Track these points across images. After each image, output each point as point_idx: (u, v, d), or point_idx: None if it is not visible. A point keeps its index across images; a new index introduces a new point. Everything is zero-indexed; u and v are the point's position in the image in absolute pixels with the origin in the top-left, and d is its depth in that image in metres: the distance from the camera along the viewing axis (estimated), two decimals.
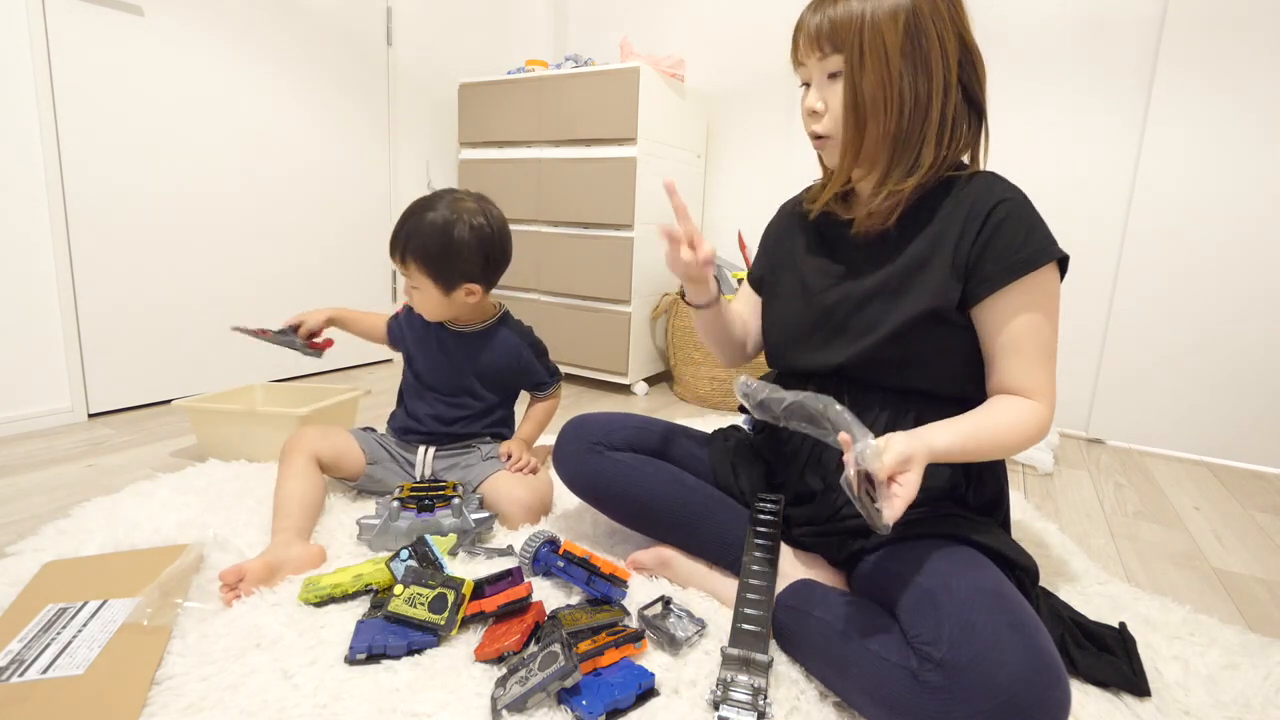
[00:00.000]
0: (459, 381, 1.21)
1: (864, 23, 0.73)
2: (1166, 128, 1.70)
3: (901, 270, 0.80)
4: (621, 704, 0.67)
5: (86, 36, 1.54)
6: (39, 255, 1.51)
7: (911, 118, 0.76)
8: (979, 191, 0.78)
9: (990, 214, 0.75)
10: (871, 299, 0.82)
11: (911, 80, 0.75)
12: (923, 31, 0.74)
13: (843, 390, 0.85)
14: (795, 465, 0.89)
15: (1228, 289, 1.68)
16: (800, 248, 0.93)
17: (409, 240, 1.10)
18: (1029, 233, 0.75)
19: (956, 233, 0.77)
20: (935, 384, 0.81)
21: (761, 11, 2.24)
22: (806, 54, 0.79)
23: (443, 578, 0.82)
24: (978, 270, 0.76)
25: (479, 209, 1.13)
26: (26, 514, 1.11)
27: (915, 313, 0.77)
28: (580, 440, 0.99)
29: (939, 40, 0.74)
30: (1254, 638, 0.88)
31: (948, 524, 0.77)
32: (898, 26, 0.73)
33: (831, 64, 0.77)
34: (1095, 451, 1.79)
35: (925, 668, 0.58)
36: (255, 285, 1.96)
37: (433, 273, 1.11)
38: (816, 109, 0.80)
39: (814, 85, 0.81)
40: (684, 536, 0.93)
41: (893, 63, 0.74)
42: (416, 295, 1.15)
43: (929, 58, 0.74)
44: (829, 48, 0.76)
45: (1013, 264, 0.74)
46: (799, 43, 0.80)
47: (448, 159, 2.53)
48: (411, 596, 0.79)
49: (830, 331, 0.85)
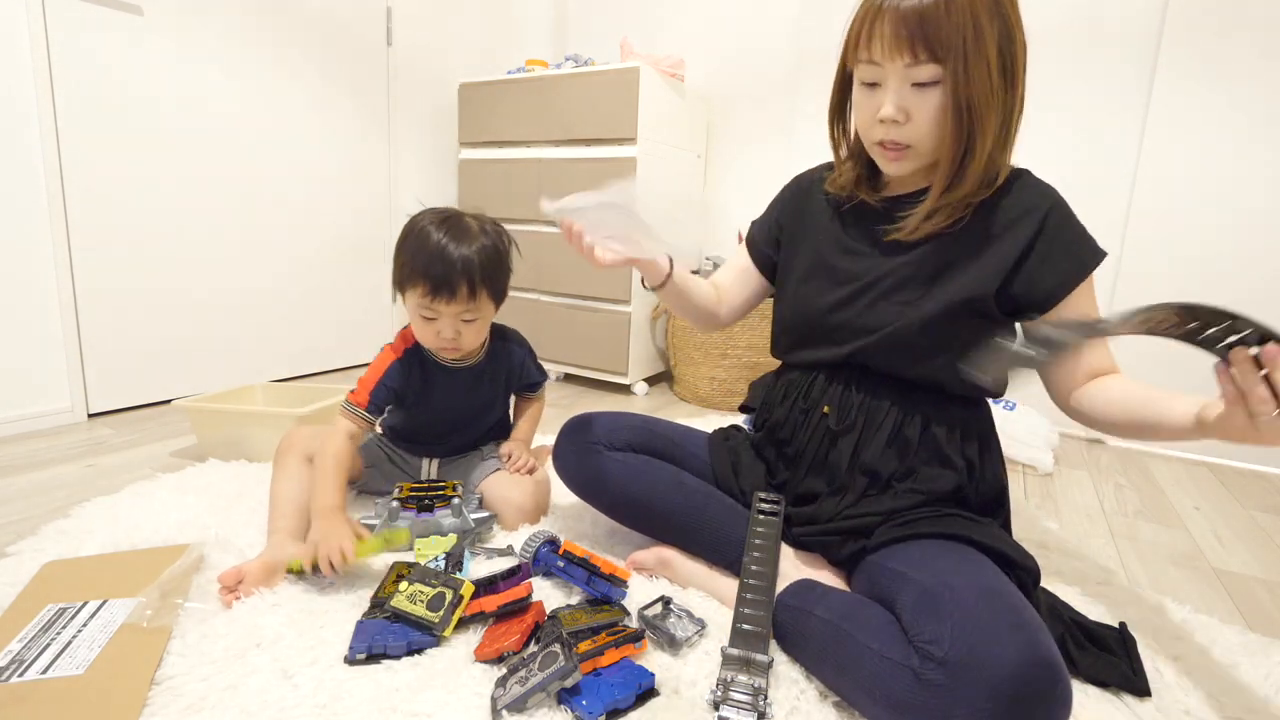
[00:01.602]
0: (467, 409, 1.17)
1: (968, 24, 0.67)
2: (1167, 128, 1.70)
3: (944, 259, 0.79)
4: (621, 704, 0.67)
5: (86, 36, 1.54)
6: (39, 255, 1.51)
7: (1004, 129, 0.73)
8: (1027, 194, 0.78)
9: (1047, 216, 0.77)
10: (906, 284, 0.81)
11: (1005, 92, 0.71)
12: (1011, 38, 0.70)
13: (853, 379, 0.84)
14: (798, 467, 0.89)
15: (1228, 289, 1.68)
16: (824, 226, 0.90)
17: (475, 272, 0.99)
18: (1083, 233, 0.78)
19: (1009, 229, 0.77)
20: (950, 379, 0.80)
21: (761, 12, 2.24)
22: (889, 55, 0.70)
23: (444, 577, 0.82)
24: (1048, 267, 0.76)
25: (483, 216, 1.08)
26: (26, 514, 1.11)
27: (954, 298, 0.77)
28: (580, 441, 0.99)
29: (1020, 46, 0.71)
30: (1254, 638, 0.88)
31: (949, 524, 0.77)
32: (994, 32, 0.68)
33: (923, 73, 0.69)
34: (1095, 451, 1.79)
35: (927, 666, 0.58)
36: (255, 285, 1.96)
37: (497, 294, 1.06)
38: (897, 119, 0.73)
39: (891, 90, 0.72)
40: (684, 536, 0.93)
41: (994, 74, 0.69)
42: (472, 329, 1.04)
43: (1016, 65, 0.71)
44: (925, 54, 0.68)
45: (1082, 261, 0.76)
46: (880, 38, 0.70)
47: (448, 159, 2.54)
48: (414, 593, 0.80)
49: (853, 314, 0.84)
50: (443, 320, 1.01)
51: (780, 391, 0.93)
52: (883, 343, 0.81)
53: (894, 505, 0.80)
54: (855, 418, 0.84)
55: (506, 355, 1.18)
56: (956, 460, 0.81)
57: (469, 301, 1.00)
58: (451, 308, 1.00)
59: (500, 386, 1.20)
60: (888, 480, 0.82)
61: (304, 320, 2.12)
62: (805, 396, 0.89)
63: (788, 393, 0.91)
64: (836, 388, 0.86)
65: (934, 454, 0.81)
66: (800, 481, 0.88)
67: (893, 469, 0.82)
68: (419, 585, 0.81)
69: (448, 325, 1.01)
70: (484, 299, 1.03)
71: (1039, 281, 0.77)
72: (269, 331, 2.02)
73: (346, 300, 2.24)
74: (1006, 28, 0.69)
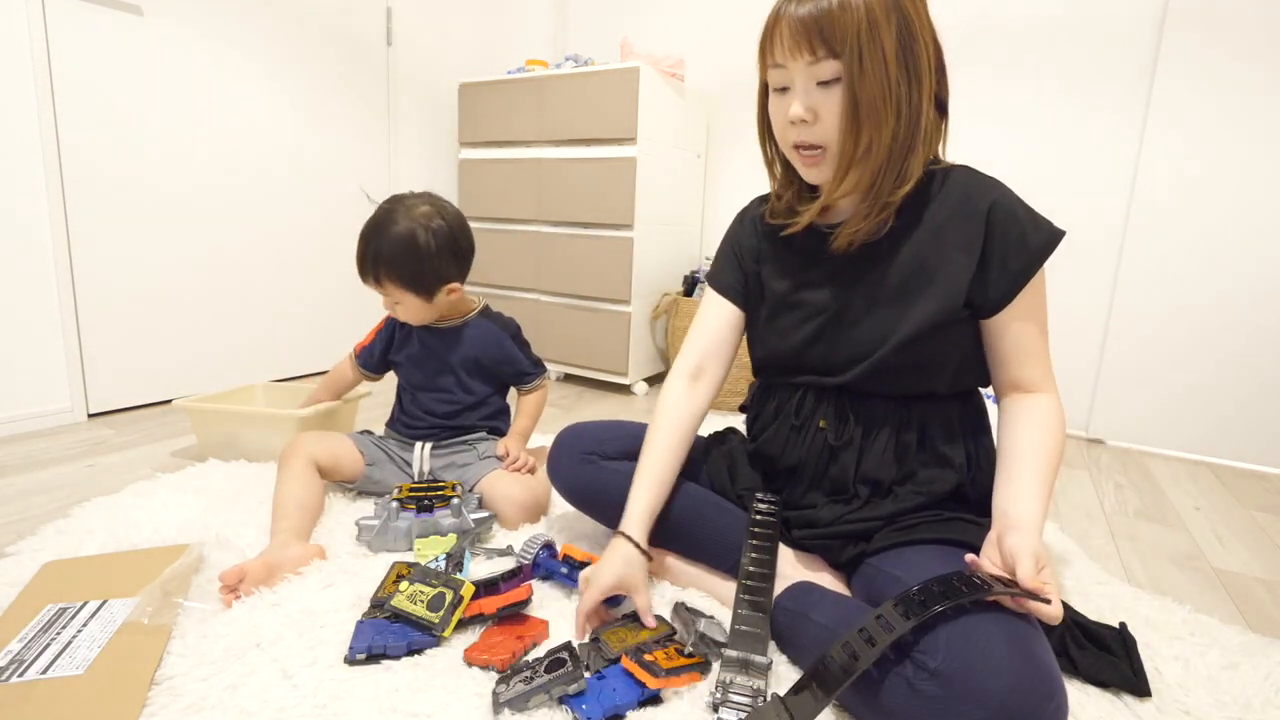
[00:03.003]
0: (445, 375, 1.21)
1: (862, 21, 0.68)
2: (1167, 128, 1.70)
3: (899, 276, 0.78)
4: (622, 709, 0.67)
5: (86, 36, 1.54)
6: (39, 255, 1.51)
7: (905, 128, 0.72)
8: (965, 189, 0.77)
9: (990, 213, 0.75)
10: (870, 309, 0.80)
11: (906, 88, 0.71)
12: (911, 34, 0.70)
13: (844, 402, 0.83)
14: (798, 482, 0.87)
15: (1228, 289, 1.68)
16: (773, 261, 0.89)
17: (378, 262, 1.11)
18: (1033, 222, 0.75)
19: (956, 234, 0.76)
20: (938, 384, 0.80)
21: (761, 11, 2.23)
22: (791, 55, 0.72)
23: (445, 578, 0.82)
24: (1000, 270, 0.75)
25: (433, 210, 1.14)
26: (26, 514, 1.11)
27: (927, 317, 0.76)
28: (574, 451, 0.97)
29: (924, 44, 0.72)
30: (1254, 638, 0.88)
31: (949, 529, 0.76)
32: (891, 27, 0.69)
33: (823, 70, 0.71)
34: (1095, 451, 1.79)
35: (920, 676, 0.58)
36: (256, 285, 1.96)
37: (412, 286, 1.13)
38: (805, 117, 0.73)
39: (798, 91, 0.73)
40: (681, 541, 0.92)
41: (891, 69, 0.69)
42: (400, 309, 1.17)
43: (919, 63, 0.71)
44: (823, 50, 0.69)
45: (1033, 255, 0.74)
46: (780, 40, 0.72)
47: (448, 159, 2.54)
48: (414, 594, 0.80)
49: (827, 347, 0.83)
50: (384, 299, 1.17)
51: (770, 409, 0.90)
52: (864, 371, 0.80)
53: (895, 509, 0.80)
54: (853, 432, 0.82)
55: (484, 329, 1.24)
56: (956, 458, 0.81)
57: (378, 287, 1.14)
58: (377, 289, 1.14)
59: (474, 359, 1.22)
60: (889, 486, 0.81)
61: (304, 320, 2.12)
62: (796, 414, 0.86)
63: (778, 411, 0.89)
64: (828, 405, 0.84)
65: (933, 456, 0.81)
66: (801, 496, 0.87)
67: (894, 475, 0.81)
68: (419, 585, 0.81)
69: (385, 301, 1.17)
70: (392, 288, 1.13)
71: (993, 286, 0.75)
72: (269, 331, 2.02)
73: (347, 300, 2.24)
74: (906, 23, 0.70)
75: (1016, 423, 0.77)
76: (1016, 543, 0.64)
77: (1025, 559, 0.62)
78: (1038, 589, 0.60)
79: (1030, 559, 0.62)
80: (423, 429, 1.21)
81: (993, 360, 0.80)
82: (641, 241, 2.03)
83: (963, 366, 0.81)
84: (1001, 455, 0.77)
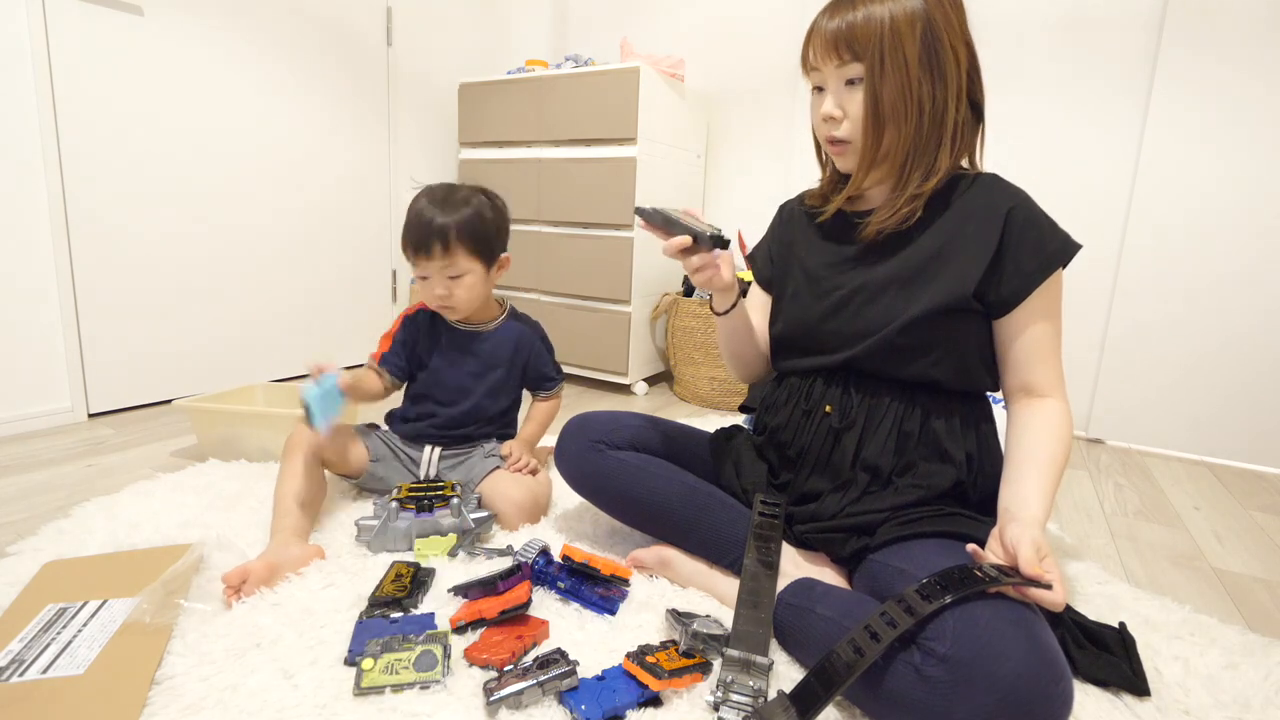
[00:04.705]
0: (475, 382, 1.20)
1: (884, 30, 0.76)
2: (1167, 129, 1.70)
3: (917, 261, 0.83)
4: (622, 710, 0.67)
5: (86, 36, 1.54)
6: (39, 255, 1.51)
7: (929, 124, 0.79)
8: (990, 192, 0.82)
9: (1010, 215, 0.80)
10: (886, 289, 0.84)
11: (930, 88, 0.78)
12: (938, 40, 0.77)
13: (850, 382, 0.86)
14: (801, 467, 0.89)
15: (1229, 289, 1.68)
16: (807, 244, 0.95)
17: (446, 230, 1.08)
18: (1051, 229, 0.81)
19: (975, 230, 0.81)
20: (945, 376, 0.82)
21: (761, 11, 2.24)
22: (823, 60, 0.81)
23: (423, 636, 0.75)
24: (1013, 268, 0.79)
25: (476, 186, 1.18)
26: (26, 514, 1.11)
27: (934, 302, 0.80)
28: (582, 439, 0.99)
29: (952, 49, 0.77)
30: (1254, 638, 0.88)
31: (950, 522, 0.77)
32: (915, 35, 0.76)
33: (850, 71, 0.79)
34: (1095, 451, 1.79)
35: (928, 662, 0.59)
36: (255, 285, 1.96)
37: (480, 250, 1.13)
38: (834, 115, 0.82)
39: (830, 91, 0.82)
40: (685, 536, 0.93)
41: (912, 71, 0.76)
42: (460, 287, 1.12)
43: (944, 66, 0.78)
44: (848, 55, 0.78)
45: (1048, 259, 0.79)
46: (814, 48, 0.81)
47: (448, 159, 2.53)
48: (389, 664, 0.71)
49: (842, 321, 0.87)
50: (434, 279, 1.12)
51: (781, 396, 0.94)
52: (871, 347, 0.83)
53: (895, 501, 0.81)
54: (856, 415, 0.85)
55: (517, 330, 1.25)
56: (956, 454, 0.82)
57: (444, 257, 1.09)
58: (433, 264, 1.10)
59: (507, 361, 1.22)
60: (888, 476, 0.83)
61: (304, 320, 2.12)
62: (806, 399, 0.90)
63: (789, 397, 0.92)
64: (835, 389, 0.87)
65: (933, 448, 0.83)
66: (804, 481, 0.89)
67: (893, 464, 0.83)
68: (389, 655, 0.72)
69: (438, 282, 1.12)
70: (460, 255, 1.11)
71: (1005, 283, 0.80)
72: (269, 331, 2.02)
73: (347, 300, 2.25)
74: (933, 29, 0.76)
75: (1024, 426, 0.80)
76: (1017, 532, 0.66)
77: (1025, 546, 0.64)
78: (1039, 576, 0.62)
79: (1030, 546, 0.64)
80: (433, 435, 1.19)
81: (1004, 363, 0.84)
82: (641, 241, 2.03)
83: (970, 363, 0.83)
84: (1008, 457, 0.80)
